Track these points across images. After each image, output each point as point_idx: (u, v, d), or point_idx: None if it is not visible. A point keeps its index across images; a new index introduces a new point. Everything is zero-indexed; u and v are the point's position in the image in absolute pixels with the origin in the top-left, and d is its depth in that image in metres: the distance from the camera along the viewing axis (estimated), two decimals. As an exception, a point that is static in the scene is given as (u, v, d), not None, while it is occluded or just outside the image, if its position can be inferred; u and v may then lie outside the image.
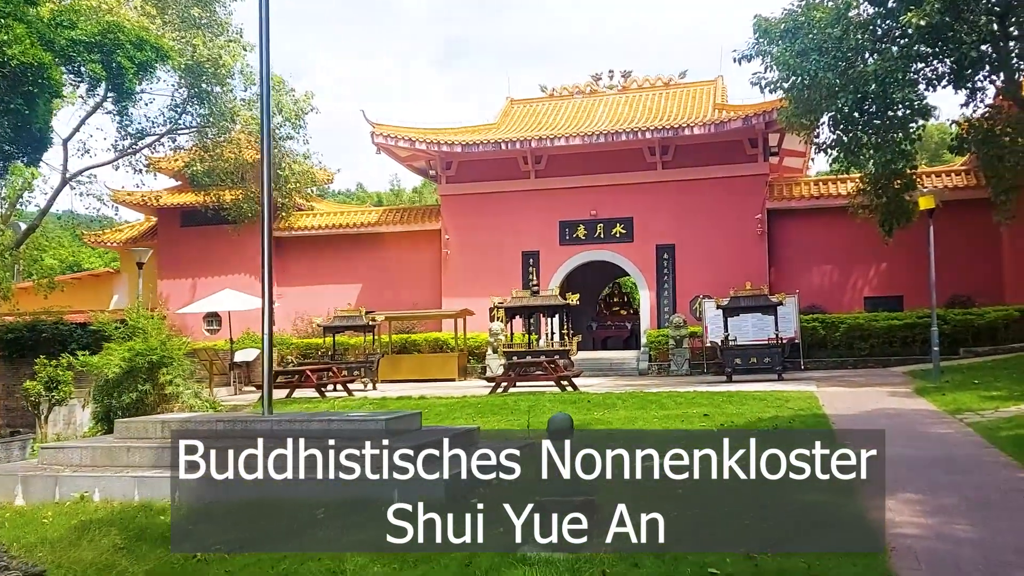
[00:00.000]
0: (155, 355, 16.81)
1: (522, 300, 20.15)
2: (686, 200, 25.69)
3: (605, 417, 13.66)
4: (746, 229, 25.11)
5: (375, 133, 26.35)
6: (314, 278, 29.04)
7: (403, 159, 28.20)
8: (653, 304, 26.05)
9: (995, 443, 9.32)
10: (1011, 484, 7.35)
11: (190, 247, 29.38)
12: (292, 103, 23.62)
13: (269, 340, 8.87)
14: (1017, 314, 21.71)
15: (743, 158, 25.50)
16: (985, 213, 22.80)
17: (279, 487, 7.29)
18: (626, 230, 26.28)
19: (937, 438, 9.86)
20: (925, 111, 17.38)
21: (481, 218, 27.16)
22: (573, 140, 25.45)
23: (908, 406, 12.90)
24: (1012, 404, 12.10)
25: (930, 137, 49.79)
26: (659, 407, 14.47)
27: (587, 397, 15.99)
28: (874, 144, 18.06)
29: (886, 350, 22.59)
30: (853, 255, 24.79)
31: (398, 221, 28.46)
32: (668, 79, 29.16)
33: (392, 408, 16.23)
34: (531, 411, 14.96)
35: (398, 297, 27.88)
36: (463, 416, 14.78)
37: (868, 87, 16.30)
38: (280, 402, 18.12)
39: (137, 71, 15.49)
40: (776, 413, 12.72)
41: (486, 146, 26.06)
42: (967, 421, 11.09)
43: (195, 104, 21.80)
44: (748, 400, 14.44)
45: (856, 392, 15.31)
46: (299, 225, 28.85)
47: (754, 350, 18.85)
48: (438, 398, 17.15)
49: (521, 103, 30.29)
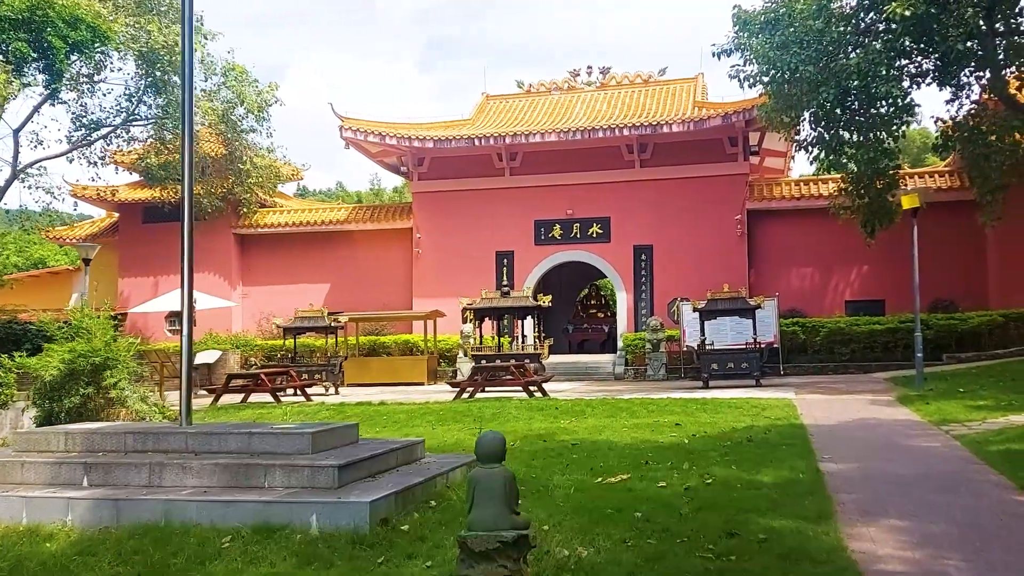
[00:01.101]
0: (98, 357, 15.88)
1: (492, 301, 19.32)
2: (665, 200, 24.98)
3: (572, 426, 12.87)
4: (726, 230, 24.43)
5: (344, 127, 25.47)
6: (281, 277, 28.12)
7: (374, 155, 27.32)
8: (630, 306, 25.31)
9: (985, 459, 8.59)
10: (1005, 507, 6.61)
11: (152, 244, 28.31)
12: (255, 94, 22.67)
13: (188, 342, 8.00)
14: (1001, 320, 21.15)
15: (723, 157, 24.83)
16: (969, 215, 22.25)
17: (185, 509, 6.45)
18: (603, 230, 25.54)
19: (922, 452, 9.13)
20: (909, 108, 16.73)
21: (454, 216, 26.34)
22: (549, 136, 24.68)
23: (890, 416, 12.19)
24: (999, 415, 11.41)
25: (912, 142, 49.54)
26: (630, 415, 13.70)
27: (556, 404, 15.20)
28: (856, 142, 17.41)
29: (867, 355, 21.98)
30: (835, 258, 24.17)
31: (368, 219, 27.56)
32: (647, 76, 28.47)
33: (349, 415, 15.40)
34: (495, 419, 14.17)
35: (368, 297, 27.00)
36: (422, 424, 13.95)
37: (850, 82, 15.62)
38: (234, 407, 17.21)
39: (70, 51, 14.50)
40: (752, 423, 11.98)
41: (459, 142, 25.24)
42: (953, 433, 10.38)
43: (151, 94, 20.78)
44: (723, 408, 13.70)
45: (836, 400, 14.60)
46: (265, 222, 27.91)
47: (731, 355, 18.13)
48: (399, 404, 16.29)
49: (497, 99, 29.50)
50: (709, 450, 9.84)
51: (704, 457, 9.43)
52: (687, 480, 8.09)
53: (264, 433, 7.32)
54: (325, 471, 6.69)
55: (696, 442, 10.58)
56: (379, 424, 14.39)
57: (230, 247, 28.13)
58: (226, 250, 28.10)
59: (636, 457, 9.71)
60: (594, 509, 6.99)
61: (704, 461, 9.14)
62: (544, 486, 8.05)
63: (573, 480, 8.38)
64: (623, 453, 10.07)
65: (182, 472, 6.96)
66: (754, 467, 8.59)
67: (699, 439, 10.86)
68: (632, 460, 9.52)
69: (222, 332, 27.10)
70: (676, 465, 8.99)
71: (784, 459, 8.93)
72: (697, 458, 9.40)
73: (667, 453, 9.87)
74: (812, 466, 8.48)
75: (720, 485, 7.78)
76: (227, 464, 6.89)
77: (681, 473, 8.51)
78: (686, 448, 10.13)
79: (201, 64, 21.93)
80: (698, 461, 9.16)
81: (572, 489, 7.87)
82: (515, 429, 12.81)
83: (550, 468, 9.27)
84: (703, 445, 10.29)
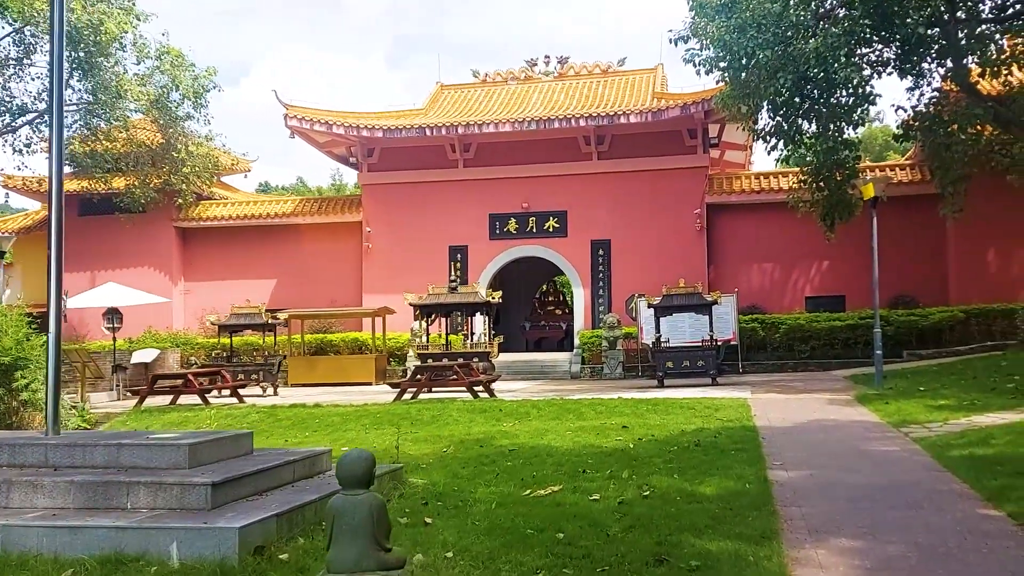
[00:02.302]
0: (8, 357, 14.76)
1: (439, 297, 18.41)
2: (623, 193, 24.24)
3: (513, 429, 12.04)
4: (685, 224, 23.76)
5: (288, 115, 24.35)
6: (225, 272, 26.91)
7: (322, 145, 26.22)
8: (588, 303, 24.55)
9: (947, 466, 7.90)
10: (970, 523, 5.89)
11: (90, 238, 26.92)
12: (191, 79, 21.44)
13: (56, 343, 6.99)
14: (962, 315, 20.73)
15: (682, 149, 24.15)
16: (930, 210, 21.81)
17: (26, 536, 5.47)
18: (560, 224, 24.74)
19: (880, 459, 8.41)
20: (868, 97, 16.11)
21: (405, 210, 25.36)
22: (503, 127, 23.81)
23: (848, 417, 11.52)
24: (961, 415, 10.78)
25: (874, 140, 49.52)
26: (577, 417, 12.90)
27: (501, 405, 14.35)
28: (815, 132, 16.80)
29: (827, 352, 21.45)
30: (795, 253, 23.62)
31: (316, 212, 26.46)
32: (607, 67, 27.73)
33: (280, 418, 14.44)
34: (434, 422, 13.30)
35: (317, 293, 25.93)
36: (355, 429, 13.03)
37: (809, 67, 14.97)
38: (159, 410, 16.11)
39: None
40: (702, 425, 11.23)
41: (410, 131, 24.27)
42: (913, 436, 9.70)
43: (79, 77, 19.51)
44: (674, 409, 12.95)
45: (793, 400, 13.93)
46: (208, 215, 26.69)
47: (687, 353, 17.42)
48: (336, 406, 15.34)
49: (452, 88, 28.57)
50: (653, 456, 9.06)
51: (647, 464, 8.65)
52: (623, 492, 7.28)
53: (135, 445, 6.36)
54: (196, 490, 5.75)
55: (641, 447, 9.80)
56: (309, 428, 13.46)
57: (171, 241, 26.85)
58: (166, 244, 26.82)
59: (575, 464, 8.91)
60: (512, 529, 6.15)
61: (646, 469, 8.35)
62: (464, 501, 7.20)
63: (498, 493, 7.54)
64: (562, 460, 9.26)
65: (32, 491, 5.98)
66: (698, 476, 7.81)
67: (645, 443, 10.08)
68: (570, 468, 8.71)
69: (162, 330, 25.86)
70: (615, 474, 8.19)
71: (731, 466, 8.16)
72: (639, 465, 8.61)
73: (608, 460, 9.07)
74: (761, 475, 7.72)
75: (658, 498, 6.98)
76: (84, 482, 5.91)
77: (619, 483, 7.70)
78: (629, 454, 9.34)
79: (133, 47, 20.72)
80: (640, 469, 8.37)
81: (494, 504, 7.03)
82: (453, 433, 11.96)
83: (478, 478, 8.43)
84: (648, 450, 9.51)
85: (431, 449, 10.78)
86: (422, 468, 9.27)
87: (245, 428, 14.22)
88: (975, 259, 21.73)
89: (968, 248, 21.78)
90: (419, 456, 10.28)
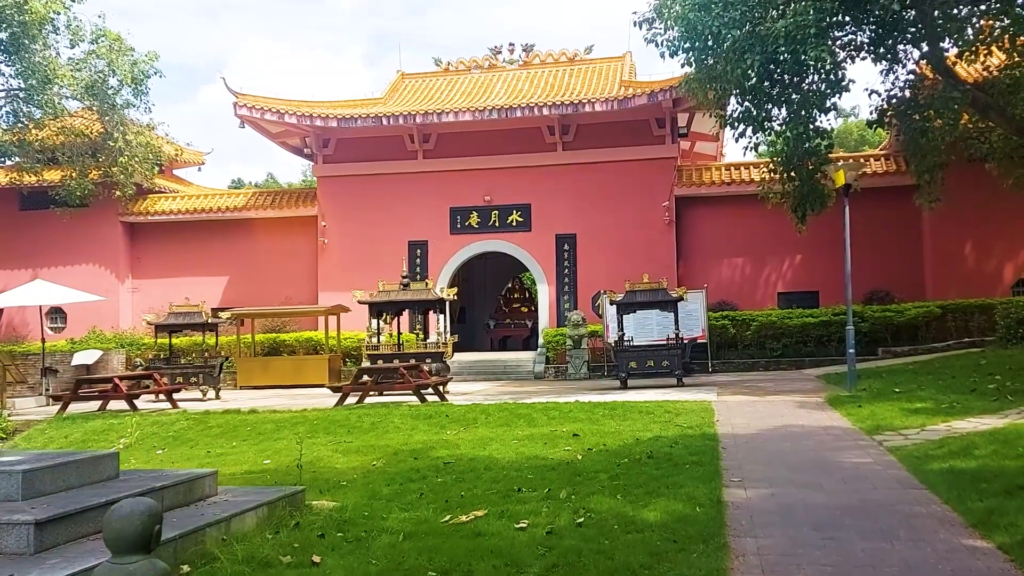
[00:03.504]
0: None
1: (390, 294, 17.33)
2: (588, 186, 23.27)
3: (456, 438, 11.03)
4: (653, 218, 22.83)
5: (238, 104, 23.13)
6: (175, 269, 25.66)
7: (275, 135, 25.00)
8: (552, 300, 23.55)
9: (925, 481, 6.98)
10: (956, 560, 4.94)
11: (31, 233, 25.64)
12: (130, 64, 20.13)
13: None
14: (939, 311, 19.98)
15: (650, 140, 23.22)
16: (905, 201, 21.05)
17: None
18: (523, 218, 23.72)
19: (851, 473, 7.48)
20: (842, 82, 15.19)
21: (363, 203, 24.25)
22: (463, 116, 22.74)
23: (818, 422, 10.60)
24: (940, 420, 9.90)
25: (849, 134, 48.91)
26: (527, 423, 11.91)
27: (449, 410, 13.32)
28: (786, 118, 15.87)
29: (800, 350, 20.62)
30: (767, 247, 22.76)
31: (269, 205, 25.26)
32: (573, 54, 26.75)
33: (211, 425, 13.35)
34: (373, 430, 12.26)
35: (271, 291, 24.75)
36: (289, 437, 11.97)
37: (778, 48, 14.03)
38: (82, 417, 14.90)
39: None
40: (659, 432, 10.27)
41: (366, 121, 23.12)
42: (888, 444, 8.79)
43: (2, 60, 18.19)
44: (633, 414, 12.00)
45: (760, 402, 13.00)
46: (157, 209, 25.41)
47: (652, 352, 16.46)
48: (273, 412, 14.24)
49: (413, 77, 27.46)
50: (600, 471, 8.08)
51: (591, 481, 7.67)
52: (556, 518, 6.29)
53: (-45, 473, 5.24)
54: (16, 530, 4.68)
55: (589, 459, 8.81)
56: (238, 437, 12.39)
57: (117, 236, 25.54)
58: (112, 240, 25.50)
59: (512, 481, 7.92)
60: (414, 570, 5.14)
61: (588, 487, 7.37)
62: (369, 531, 6.16)
63: (413, 519, 6.52)
64: (498, 476, 8.26)
65: None
66: (644, 497, 6.84)
67: (594, 455, 9.10)
68: (505, 486, 7.72)
69: (108, 330, 24.57)
70: (553, 493, 7.21)
71: (683, 484, 7.19)
72: (582, 482, 7.63)
73: (550, 475, 8.09)
74: (715, 495, 6.74)
75: (594, 526, 5.99)
76: None
77: (554, 506, 6.71)
78: (575, 468, 8.36)
79: (67, 29, 19.41)
80: (581, 487, 7.39)
81: (403, 535, 6.00)
82: (389, 443, 10.93)
83: (398, 499, 7.41)
84: (595, 463, 8.53)
85: (359, 462, 9.74)
86: (341, 487, 8.23)
87: (171, 436, 13.17)
88: (952, 252, 21.00)
89: (945, 241, 21.05)
90: (344, 471, 9.24)
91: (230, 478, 9.12)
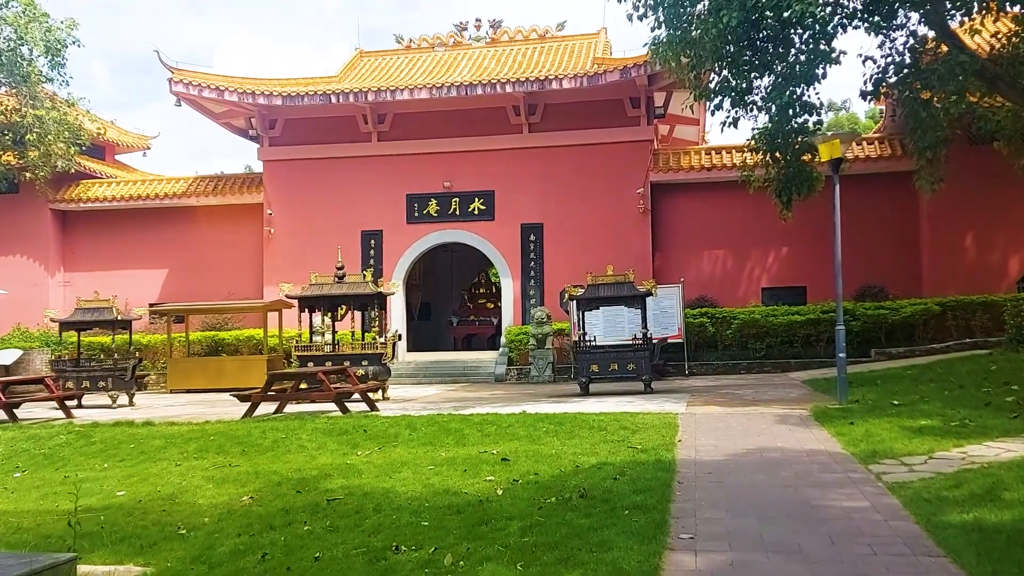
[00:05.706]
0: None
1: (322, 288, 15.36)
2: (557, 171, 21.34)
3: (363, 461, 9.08)
4: (626, 206, 20.90)
5: (173, 80, 21.08)
6: (112, 261, 23.60)
7: (218, 115, 22.92)
8: (517, 295, 21.61)
9: (943, 543, 5.07)
10: None
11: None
12: (43, 32, 18.05)
13: None
14: (938, 309, 18.15)
15: (623, 121, 21.28)
16: (901, 189, 19.26)
17: None
18: (486, 206, 21.75)
19: (841, 527, 5.56)
20: (831, 54, 13.24)
21: (312, 189, 22.26)
22: (420, 93, 20.76)
23: (801, 444, 8.69)
24: (951, 444, 8.00)
25: (840, 128, 47.23)
26: (456, 441, 9.98)
27: (370, 424, 11.36)
28: (769, 89, 13.95)
29: (786, 351, 18.77)
30: (751, 238, 20.87)
31: (211, 192, 23.20)
32: (544, 31, 24.79)
33: (94, 440, 11.34)
34: (273, 448, 10.31)
35: (213, 285, 22.75)
36: (172, 457, 10.08)
37: (758, 3, 12.12)
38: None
39: None
40: (606, 457, 8.34)
41: (314, 99, 21.11)
42: (888, 479, 6.89)
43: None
44: (582, 430, 10.08)
45: (735, 416, 11.09)
46: (90, 196, 23.35)
47: (616, 354, 14.51)
48: (171, 424, 12.26)
49: (372, 56, 25.45)
50: (514, 517, 6.15)
51: (497, 533, 5.76)
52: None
53: None
54: None
55: (510, 496, 6.89)
56: (117, 457, 10.44)
57: (46, 225, 23.47)
58: (41, 229, 23.45)
59: (395, 533, 6.01)
60: None
61: (488, 546, 5.44)
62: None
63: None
64: (383, 522, 6.34)
65: None
66: (555, 567, 4.90)
67: (519, 488, 7.19)
68: (383, 540, 5.81)
69: (34, 327, 22.53)
70: (438, 557, 5.30)
71: (614, 543, 5.26)
72: (485, 536, 5.71)
73: (450, 522, 6.17)
74: (651, 565, 4.81)
75: (464, 625, 4.06)
76: None
77: (428, 580, 4.78)
78: (485, 511, 6.42)
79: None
80: (479, 546, 5.46)
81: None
82: (282, 468, 8.98)
83: (232, 563, 5.49)
84: (514, 503, 6.61)
85: (229, 496, 7.79)
86: (176, 537, 6.32)
87: (42, 454, 11.16)
88: (952, 244, 19.16)
89: (944, 232, 19.20)
90: (203, 509, 7.30)
91: (55, 519, 7.19)
